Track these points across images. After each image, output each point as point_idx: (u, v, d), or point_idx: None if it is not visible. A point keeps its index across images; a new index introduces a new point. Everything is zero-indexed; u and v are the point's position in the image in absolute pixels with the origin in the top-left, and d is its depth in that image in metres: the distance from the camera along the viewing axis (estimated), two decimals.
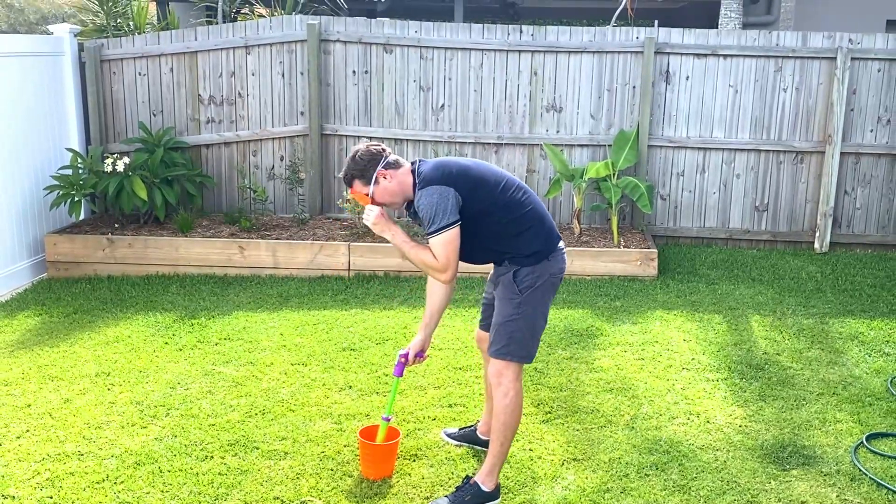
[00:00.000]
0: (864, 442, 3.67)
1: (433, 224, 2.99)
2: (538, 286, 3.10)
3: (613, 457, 3.52)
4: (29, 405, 3.95)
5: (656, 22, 7.46)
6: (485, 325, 3.39)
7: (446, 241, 2.99)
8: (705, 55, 6.82)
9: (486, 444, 3.39)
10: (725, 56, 6.82)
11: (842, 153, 6.87)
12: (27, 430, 3.69)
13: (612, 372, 4.43)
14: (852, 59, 6.73)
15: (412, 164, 3.16)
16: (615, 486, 3.30)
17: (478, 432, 3.60)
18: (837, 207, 7.00)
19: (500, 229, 3.11)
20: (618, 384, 4.27)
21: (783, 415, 3.96)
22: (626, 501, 3.22)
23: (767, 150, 6.95)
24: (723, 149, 6.97)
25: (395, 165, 3.13)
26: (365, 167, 3.10)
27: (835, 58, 6.72)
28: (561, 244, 3.23)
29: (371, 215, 3.11)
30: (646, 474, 3.39)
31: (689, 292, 5.86)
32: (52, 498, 3.17)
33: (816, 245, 7.00)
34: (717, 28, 8.35)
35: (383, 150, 3.15)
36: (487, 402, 3.55)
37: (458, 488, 3.21)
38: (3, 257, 5.84)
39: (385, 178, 3.11)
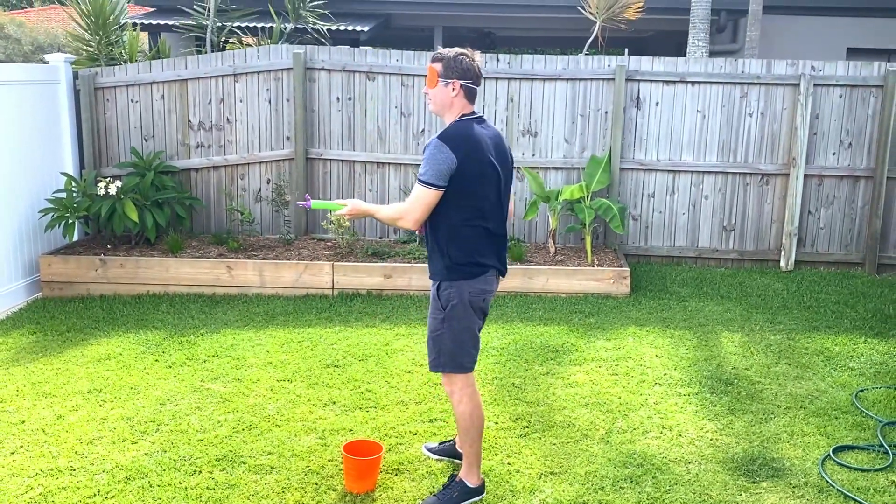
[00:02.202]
0: (831, 454, 3.75)
1: (423, 171, 3.06)
2: (459, 302, 3.15)
3: (589, 470, 3.58)
4: (23, 421, 4.00)
5: (626, 50, 7.72)
6: None
7: (422, 197, 3.05)
8: (674, 82, 7.04)
9: None
10: (693, 83, 7.04)
11: (805, 175, 7.06)
12: (21, 446, 3.74)
13: (587, 387, 4.50)
14: (815, 85, 6.94)
15: (472, 115, 3.15)
16: (591, 498, 3.35)
17: (457, 446, 3.63)
18: (802, 227, 7.19)
19: (455, 209, 3.10)
20: (593, 399, 4.35)
21: (752, 428, 4.03)
22: None
23: (734, 173, 7.16)
24: (691, 171, 7.17)
25: (469, 95, 3.14)
26: (452, 67, 3.11)
27: (798, 84, 6.94)
28: (493, 274, 3.22)
29: (344, 218, 3.27)
30: (621, 487, 3.45)
31: (661, 309, 5.99)
32: None
33: (782, 263, 7.18)
34: (684, 56, 8.60)
35: (478, 77, 3.14)
36: None
37: (444, 486, 3.32)
38: (0, 277, 5.93)
39: (451, 88, 3.11)
